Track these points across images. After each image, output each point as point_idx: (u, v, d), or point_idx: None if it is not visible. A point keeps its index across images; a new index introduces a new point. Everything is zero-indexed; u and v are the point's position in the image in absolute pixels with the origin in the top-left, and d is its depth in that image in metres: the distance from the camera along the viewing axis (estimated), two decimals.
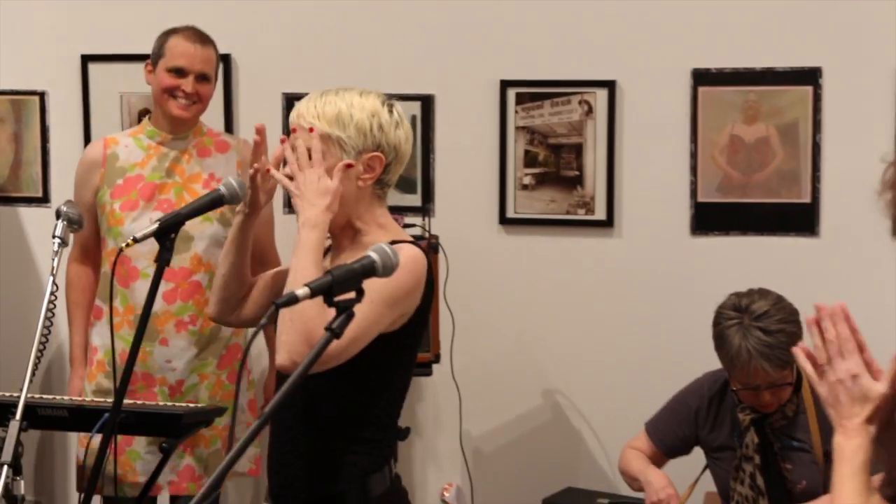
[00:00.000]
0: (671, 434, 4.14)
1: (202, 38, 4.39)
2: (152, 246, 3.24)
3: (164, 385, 4.35)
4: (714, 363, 3.93)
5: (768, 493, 3.91)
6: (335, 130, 2.96)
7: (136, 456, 4.33)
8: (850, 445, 2.19)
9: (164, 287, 4.27)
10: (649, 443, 4.18)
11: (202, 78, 4.35)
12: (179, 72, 4.32)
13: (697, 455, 4.17)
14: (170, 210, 4.19)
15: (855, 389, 2.20)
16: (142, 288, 4.28)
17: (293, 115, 3.03)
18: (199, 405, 4.11)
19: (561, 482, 4.86)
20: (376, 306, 2.82)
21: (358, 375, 2.92)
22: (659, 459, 4.17)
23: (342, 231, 3.02)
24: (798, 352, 2.28)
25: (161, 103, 4.36)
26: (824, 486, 3.84)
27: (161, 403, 4.14)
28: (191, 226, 3.69)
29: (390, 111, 3.02)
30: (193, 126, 4.42)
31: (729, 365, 3.85)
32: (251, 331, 4.49)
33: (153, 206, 4.33)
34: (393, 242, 2.71)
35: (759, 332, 3.77)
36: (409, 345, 3.03)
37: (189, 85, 4.32)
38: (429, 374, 4.63)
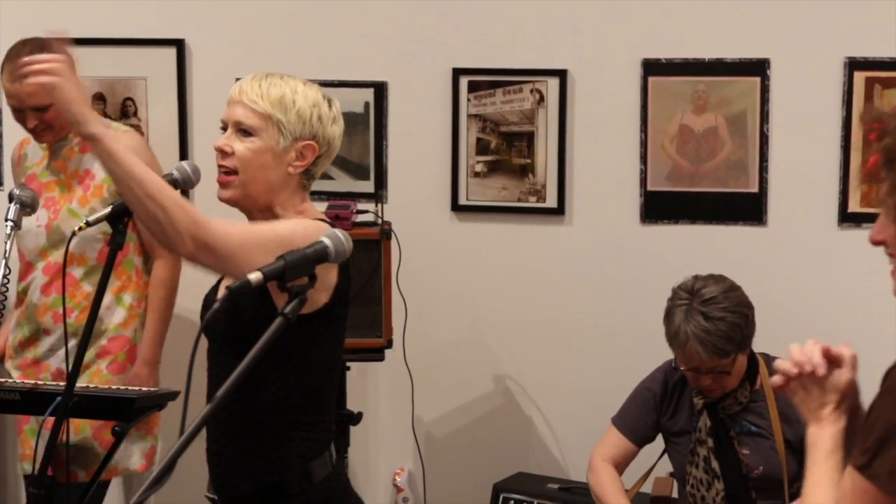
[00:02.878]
0: (640, 423, 4.16)
1: (21, 74, 4.30)
2: (37, 242, 3.24)
3: (47, 371, 4.43)
4: (663, 350, 3.98)
5: (724, 477, 3.95)
6: (276, 112, 2.99)
7: (32, 433, 4.38)
8: (823, 434, 2.25)
9: (40, 279, 4.42)
10: (619, 436, 4.16)
11: (38, 109, 4.30)
12: (16, 110, 4.32)
13: (656, 441, 4.22)
14: (53, 207, 4.31)
15: (823, 381, 2.26)
16: (34, 281, 4.45)
17: (235, 89, 3.05)
18: (152, 389, 4.12)
19: (512, 467, 4.90)
20: (277, 238, 2.81)
21: (285, 360, 2.93)
22: (630, 452, 4.18)
23: (261, 213, 3.04)
24: (774, 378, 2.34)
25: None
26: (785, 473, 3.89)
27: (114, 387, 4.16)
28: (65, 224, 4.06)
29: (329, 106, 3.07)
30: (60, 138, 4.44)
31: (669, 343, 3.91)
32: (148, 319, 4.53)
33: (40, 203, 4.34)
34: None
35: (700, 316, 3.82)
36: (332, 326, 3.02)
37: (29, 121, 4.32)
38: (381, 359, 4.65)
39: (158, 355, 4.50)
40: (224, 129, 3.05)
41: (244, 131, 3.00)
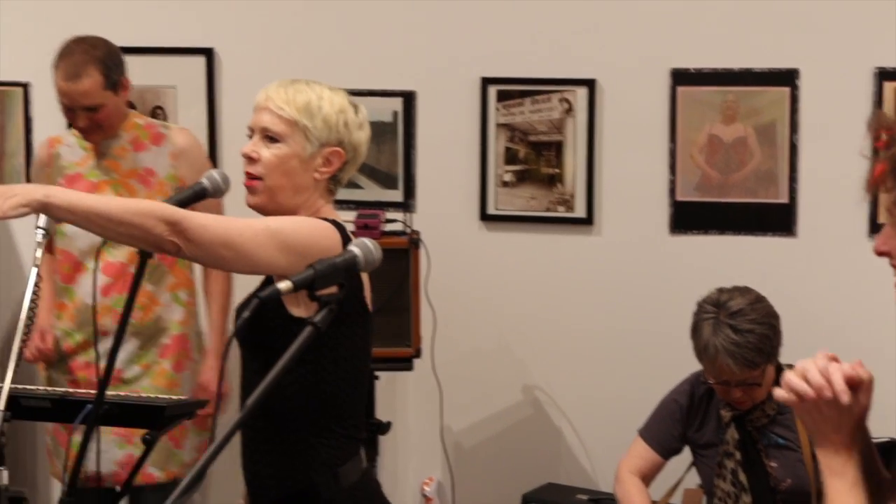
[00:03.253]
0: (667, 435, 4.14)
1: (75, 73, 4.27)
2: (92, 240, 3.26)
3: (103, 375, 4.39)
4: (692, 360, 3.97)
5: (752, 490, 3.93)
6: (303, 118, 3.00)
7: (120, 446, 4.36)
8: (843, 461, 2.13)
9: (101, 280, 4.35)
10: (646, 448, 4.15)
11: (88, 109, 4.31)
12: (67, 108, 4.33)
13: (684, 453, 4.20)
14: None
15: (842, 406, 2.10)
16: (86, 282, 4.39)
17: (261, 95, 3.05)
18: (182, 398, 4.13)
19: (541, 477, 4.89)
20: (266, 231, 2.83)
21: (297, 365, 2.93)
22: (657, 464, 4.17)
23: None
24: (780, 391, 2.18)
25: None
26: (814, 486, 3.87)
27: (145, 395, 4.17)
28: None
29: (356, 112, 3.07)
30: (119, 125, 4.43)
31: (698, 357, 3.90)
32: (206, 321, 4.55)
33: None
34: None
35: (729, 329, 3.81)
36: (345, 329, 3.01)
37: (81, 120, 4.33)
38: (410, 368, 4.65)
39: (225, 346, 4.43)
40: (251, 135, 3.06)
41: (271, 138, 3.01)
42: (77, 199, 2.75)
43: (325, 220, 2.98)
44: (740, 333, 3.79)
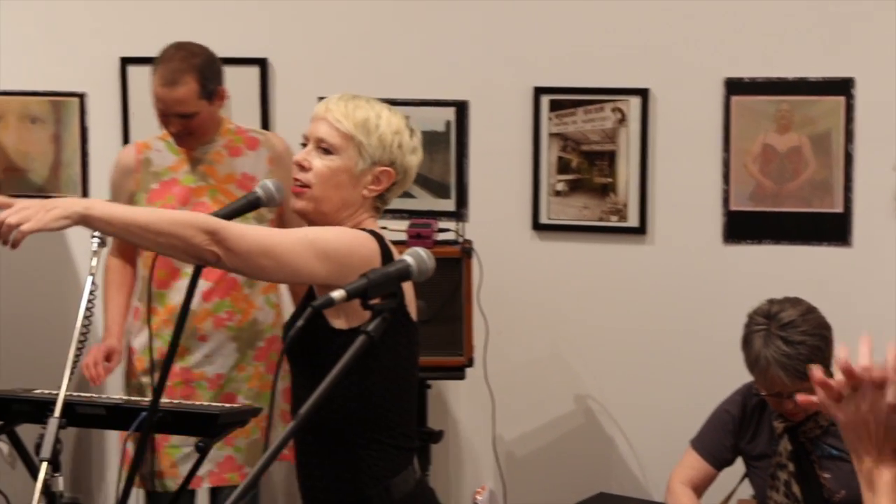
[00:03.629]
0: (718, 445, 4.12)
1: (173, 80, 4.30)
2: None
3: (202, 380, 4.40)
4: (744, 371, 3.95)
5: (805, 502, 3.91)
6: (359, 134, 3.01)
7: (175, 451, 4.37)
8: (884, 477, 2.04)
9: (202, 285, 4.32)
10: (698, 459, 4.13)
11: (183, 115, 4.33)
12: (162, 113, 4.35)
13: (736, 464, 4.18)
14: (205, 213, 4.24)
15: (893, 419, 2.04)
16: (184, 287, 4.33)
17: (320, 107, 3.06)
18: (235, 405, 4.15)
19: (593, 487, 4.88)
20: (304, 240, 2.84)
21: (355, 379, 2.94)
22: (709, 475, 4.15)
23: None
24: (814, 373, 2.14)
25: None
26: None
27: (197, 403, 4.19)
28: None
29: (411, 135, 3.08)
30: (213, 132, 4.46)
31: (750, 370, 3.88)
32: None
33: (188, 209, 4.37)
34: None
35: (780, 341, 3.79)
36: (396, 343, 3.00)
37: (174, 126, 4.34)
38: (462, 377, 4.66)
39: (280, 356, 4.42)
40: (305, 144, 3.07)
41: (325, 149, 3.02)
42: (116, 212, 2.78)
43: (364, 230, 2.99)
44: (792, 345, 3.78)
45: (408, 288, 2.98)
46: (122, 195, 4.47)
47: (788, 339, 3.79)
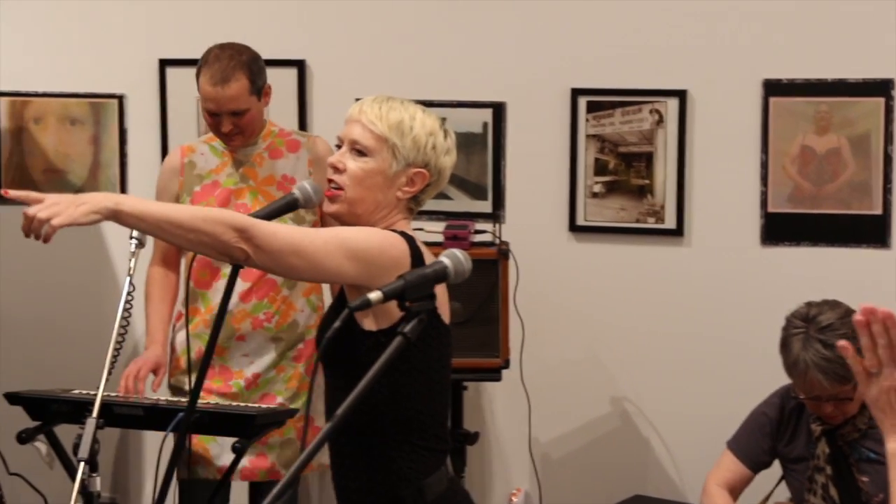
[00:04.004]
0: (756, 448, 4.10)
1: (224, 78, 4.30)
2: None
3: (240, 378, 4.40)
4: (781, 373, 3.94)
5: None
6: (393, 136, 3.01)
7: (209, 440, 4.37)
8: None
9: (240, 286, 4.32)
10: (734, 461, 4.11)
11: (234, 114, 4.34)
12: (212, 113, 4.36)
13: (773, 467, 4.17)
14: (245, 213, 4.26)
15: None
16: (223, 288, 4.35)
17: (354, 109, 3.06)
18: (271, 406, 4.16)
19: (629, 490, 4.87)
20: (334, 240, 2.85)
21: (386, 381, 2.94)
22: (745, 478, 4.13)
23: None
24: (846, 348, 2.20)
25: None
26: None
27: (235, 404, 4.20)
28: None
29: (445, 136, 3.07)
30: (259, 132, 4.47)
31: (788, 373, 3.86)
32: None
33: (229, 209, 4.39)
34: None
35: (819, 344, 3.77)
36: (428, 345, 2.99)
37: (225, 125, 4.34)
38: (498, 379, 4.65)
39: (316, 359, 4.38)
40: (339, 146, 3.07)
41: (359, 151, 3.02)
42: (146, 207, 2.78)
43: (395, 231, 2.99)
44: (830, 348, 3.75)
45: (441, 290, 2.97)
46: (167, 197, 4.48)
47: (827, 342, 3.76)
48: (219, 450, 4.33)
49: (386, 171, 3.01)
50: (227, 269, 4.33)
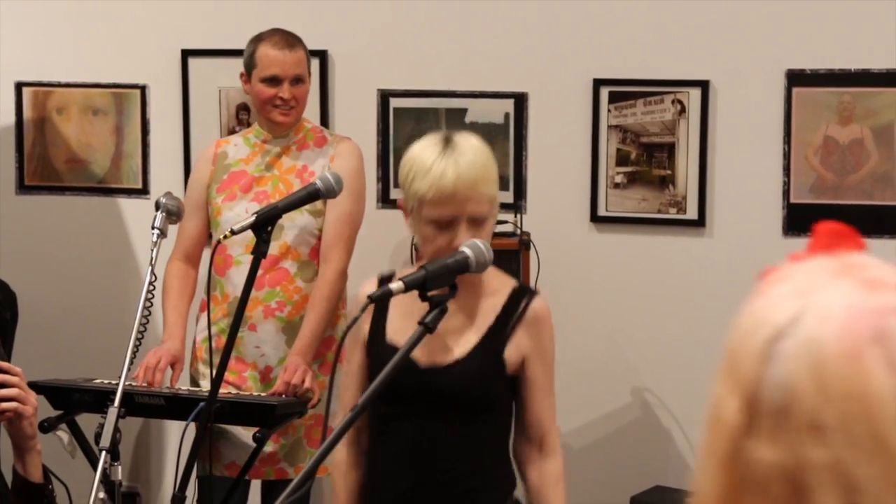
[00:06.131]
0: None
1: (290, 43, 4.45)
2: (245, 234, 3.32)
3: (255, 370, 4.39)
4: None
5: None
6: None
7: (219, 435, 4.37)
8: None
9: (238, 274, 4.34)
10: None
11: (296, 81, 4.43)
12: (274, 80, 4.39)
13: None
14: (265, 201, 4.27)
15: None
16: (236, 275, 4.35)
17: (452, 182, 2.97)
18: (291, 397, 4.16)
19: (650, 480, 4.87)
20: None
21: (488, 418, 3.02)
22: None
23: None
24: None
25: (263, 112, 4.46)
26: None
27: (255, 394, 4.21)
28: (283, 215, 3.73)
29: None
30: (295, 125, 4.50)
31: None
32: (344, 323, 4.54)
33: (250, 196, 4.40)
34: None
35: None
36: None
37: (286, 91, 4.40)
38: None
39: (311, 350, 4.41)
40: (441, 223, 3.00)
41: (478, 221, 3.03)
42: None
43: None
44: None
45: None
46: (198, 185, 4.55)
47: None
48: (230, 447, 4.31)
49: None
50: (238, 257, 4.34)
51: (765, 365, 1.30)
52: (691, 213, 4.85)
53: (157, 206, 3.66)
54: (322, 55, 5.14)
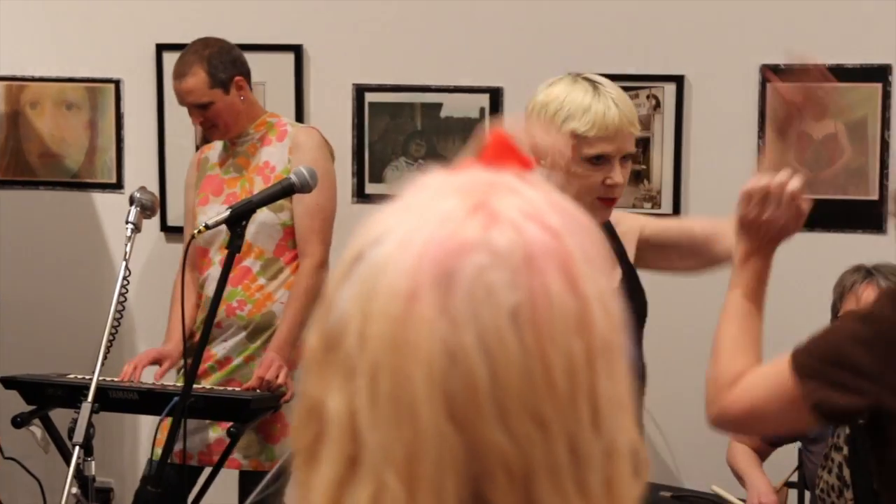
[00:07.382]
0: None
1: (179, 72, 4.41)
2: (218, 234, 3.32)
3: (213, 361, 4.37)
4: None
5: (854, 486, 3.91)
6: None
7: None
8: (755, 264, 2.83)
9: (217, 273, 4.32)
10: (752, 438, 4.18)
11: (199, 107, 4.39)
12: (180, 104, 4.43)
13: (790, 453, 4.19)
14: (234, 202, 4.26)
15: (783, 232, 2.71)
16: (212, 276, 4.36)
17: (619, 119, 3.09)
18: (265, 392, 4.15)
19: None
20: None
21: None
22: (764, 450, 4.17)
23: None
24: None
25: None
26: None
27: (230, 388, 4.20)
28: None
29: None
30: (245, 124, 4.48)
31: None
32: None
33: (221, 199, 4.39)
34: None
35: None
36: None
37: (194, 117, 4.42)
38: None
39: (288, 346, 4.37)
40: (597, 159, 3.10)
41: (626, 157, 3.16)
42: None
43: None
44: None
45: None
46: (189, 192, 4.59)
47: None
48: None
49: None
50: (212, 256, 4.35)
51: (339, 288, 1.07)
52: (666, 207, 4.86)
53: (132, 201, 3.66)
54: (297, 50, 5.13)
